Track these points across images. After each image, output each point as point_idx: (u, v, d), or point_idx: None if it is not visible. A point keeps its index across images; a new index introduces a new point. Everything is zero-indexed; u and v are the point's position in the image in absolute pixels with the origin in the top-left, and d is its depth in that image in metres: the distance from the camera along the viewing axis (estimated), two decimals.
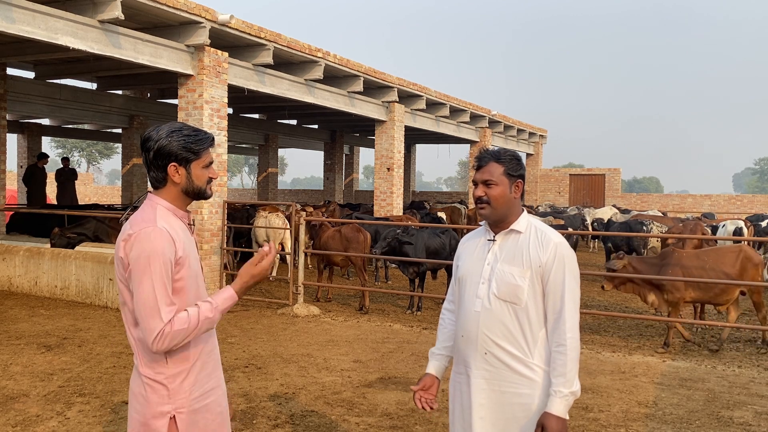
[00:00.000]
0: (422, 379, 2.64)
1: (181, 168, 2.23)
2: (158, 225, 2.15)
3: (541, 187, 28.28)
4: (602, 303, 9.99)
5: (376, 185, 15.96)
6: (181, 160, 2.22)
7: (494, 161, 2.48)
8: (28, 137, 18.77)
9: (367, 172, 77.75)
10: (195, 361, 2.23)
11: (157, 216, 2.19)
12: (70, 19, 8.04)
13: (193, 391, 2.21)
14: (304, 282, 9.24)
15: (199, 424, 2.23)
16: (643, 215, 16.76)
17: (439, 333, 2.73)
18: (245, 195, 37.24)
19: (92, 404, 5.00)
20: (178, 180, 2.24)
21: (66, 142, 58.79)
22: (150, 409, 2.17)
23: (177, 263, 2.16)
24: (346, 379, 5.82)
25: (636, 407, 5.19)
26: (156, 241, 2.11)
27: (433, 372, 2.67)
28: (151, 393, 2.17)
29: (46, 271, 9.66)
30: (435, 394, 2.64)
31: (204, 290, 2.32)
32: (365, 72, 13.73)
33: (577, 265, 2.45)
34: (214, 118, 10.03)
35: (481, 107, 20.09)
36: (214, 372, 2.32)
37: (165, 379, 2.17)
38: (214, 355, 2.34)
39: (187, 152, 2.22)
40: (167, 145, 2.20)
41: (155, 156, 2.21)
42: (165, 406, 2.17)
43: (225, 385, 2.41)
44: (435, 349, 2.71)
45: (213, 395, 2.30)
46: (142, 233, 2.12)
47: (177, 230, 2.20)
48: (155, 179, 2.25)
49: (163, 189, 2.25)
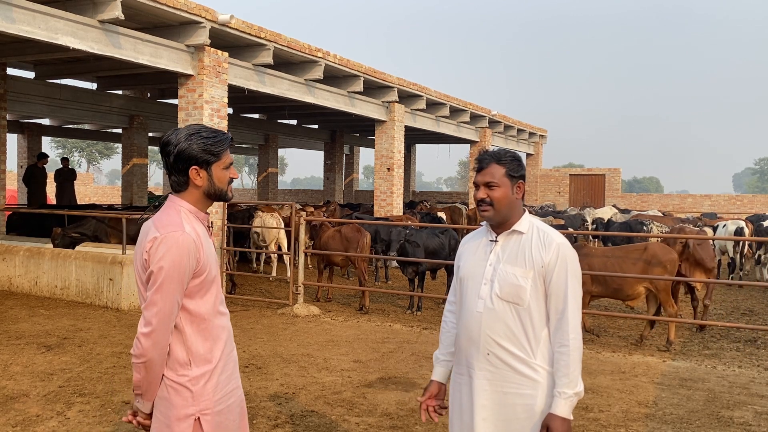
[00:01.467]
0: (428, 388, 2.64)
1: (202, 171, 2.23)
2: (185, 230, 2.16)
3: (541, 187, 28.27)
4: (602, 303, 9.99)
5: (376, 185, 15.96)
6: (201, 162, 2.22)
7: (495, 163, 2.47)
8: (28, 137, 18.78)
9: (367, 172, 77.74)
10: (217, 363, 2.24)
11: (183, 219, 2.19)
12: (70, 19, 8.04)
13: (216, 392, 2.23)
14: (304, 282, 9.23)
15: (222, 425, 2.24)
16: (643, 215, 16.76)
17: (443, 337, 2.72)
18: (245, 195, 37.24)
19: (92, 404, 5.00)
20: (200, 183, 2.23)
21: (66, 142, 58.78)
22: (174, 412, 2.17)
23: (198, 272, 2.18)
24: (346, 379, 5.82)
25: (636, 407, 5.19)
26: (182, 249, 2.12)
27: (439, 379, 2.66)
28: (175, 396, 2.18)
29: (46, 271, 9.65)
30: (443, 400, 2.63)
31: (221, 291, 2.34)
32: (365, 72, 13.73)
33: (579, 266, 2.45)
34: (214, 118, 10.03)
35: (481, 107, 20.09)
36: (234, 373, 2.35)
37: (188, 382, 2.18)
38: (233, 357, 2.36)
39: (207, 155, 2.22)
40: (187, 148, 2.20)
41: (176, 160, 2.21)
42: (189, 408, 2.18)
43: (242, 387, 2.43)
44: (440, 354, 2.70)
45: (234, 396, 2.32)
46: (170, 237, 2.12)
47: (200, 234, 2.22)
48: (177, 183, 2.25)
49: (184, 192, 2.25)
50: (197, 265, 2.17)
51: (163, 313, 2.11)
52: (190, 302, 2.20)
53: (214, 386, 2.22)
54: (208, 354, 2.22)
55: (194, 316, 2.21)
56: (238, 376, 2.38)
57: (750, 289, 11.89)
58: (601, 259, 7.54)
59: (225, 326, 2.32)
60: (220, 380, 2.24)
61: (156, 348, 2.12)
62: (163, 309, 2.11)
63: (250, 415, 4.84)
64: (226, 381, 2.28)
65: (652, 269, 7.30)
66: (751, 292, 11.63)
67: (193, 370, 2.19)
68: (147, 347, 2.11)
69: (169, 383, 2.18)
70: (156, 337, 2.11)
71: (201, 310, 2.21)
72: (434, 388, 2.63)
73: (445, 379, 2.66)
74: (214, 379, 2.22)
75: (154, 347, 2.12)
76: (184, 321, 2.19)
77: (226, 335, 2.31)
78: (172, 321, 2.14)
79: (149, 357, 2.12)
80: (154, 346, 2.12)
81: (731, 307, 10.18)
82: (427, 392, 2.62)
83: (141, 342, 2.12)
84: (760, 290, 11.73)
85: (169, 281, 2.10)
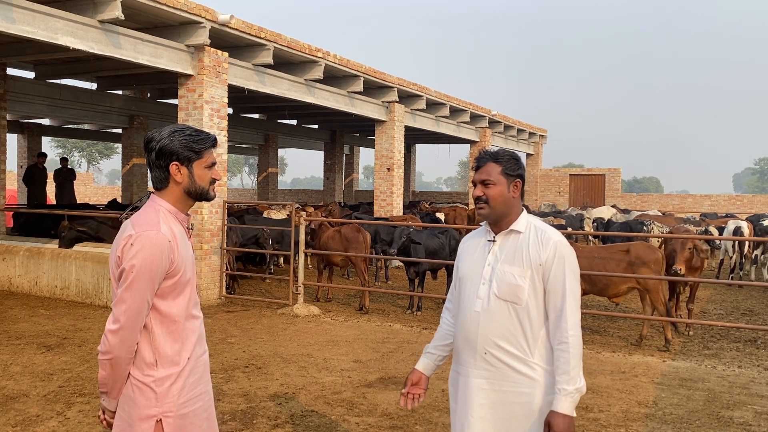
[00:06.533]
0: (409, 377, 2.67)
1: (183, 167, 2.23)
2: (161, 229, 2.15)
3: (541, 187, 28.27)
4: (602, 303, 9.99)
5: (376, 185, 15.96)
6: (182, 159, 2.23)
7: (492, 161, 2.49)
8: (28, 137, 18.77)
9: (367, 172, 77.73)
10: (185, 366, 2.23)
11: (160, 219, 2.19)
12: (70, 19, 8.04)
13: (181, 395, 2.21)
14: (304, 282, 9.23)
15: (185, 429, 2.22)
16: (646, 215, 16.74)
17: (437, 332, 2.75)
18: (245, 195, 37.23)
19: (92, 404, 5.00)
20: (180, 179, 2.24)
21: (66, 142, 58.78)
22: (137, 411, 2.16)
23: (171, 273, 2.18)
24: (346, 379, 5.82)
25: (636, 407, 5.19)
26: (155, 248, 2.12)
27: (421, 369, 2.69)
28: (139, 395, 2.17)
29: (46, 271, 9.65)
30: (424, 389, 2.66)
31: (195, 294, 2.33)
32: (365, 72, 13.72)
33: (577, 264, 2.46)
34: (214, 118, 10.03)
35: (481, 107, 20.08)
36: (203, 377, 2.33)
37: (153, 382, 2.17)
38: (203, 360, 2.34)
39: (188, 151, 2.23)
40: (169, 144, 2.21)
41: (157, 156, 2.22)
42: (152, 409, 2.16)
43: (212, 390, 2.41)
44: (429, 347, 2.74)
45: (201, 400, 2.29)
46: (144, 236, 2.12)
47: (177, 235, 2.21)
48: (157, 179, 2.26)
49: (165, 190, 2.26)
50: (171, 266, 2.17)
51: (132, 311, 2.10)
52: (162, 303, 2.19)
53: (180, 389, 2.20)
54: (176, 356, 2.20)
55: (165, 317, 2.20)
56: (208, 379, 2.36)
57: (750, 289, 11.90)
58: (587, 259, 7.62)
59: (196, 329, 2.31)
60: (186, 383, 2.23)
61: (123, 346, 2.12)
62: (132, 307, 2.10)
63: (251, 415, 4.84)
64: (194, 384, 2.26)
65: (638, 269, 7.39)
66: (751, 292, 11.63)
67: (159, 371, 2.18)
68: (114, 344, 2.11)
69: (135, 382, 2.17)
70: (123, 334, 2.11)
71: (172, 312, 2.20)
72: (414, 377, 2.66)
73: (426, 370, 2.69)
74: (180, 382, 2.21)
75: (120, 345, 2.11)
76: (154, 321, 2.18)
77: (197, 338, 2.29)
78: (140, 320, 2.13)
79: (115, 354, 2.12)
80: (120, 343, 2.11)
81: (731, 307, 10.18)
82: (408, 381, 2.66)
83: (108, 339, 2.12)
84: (760, 290, 11.73)
85: (140, 280, 2.10)
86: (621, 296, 7.71)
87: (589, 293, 7.85)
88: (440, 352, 2.70)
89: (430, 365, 2.70)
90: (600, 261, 7.60)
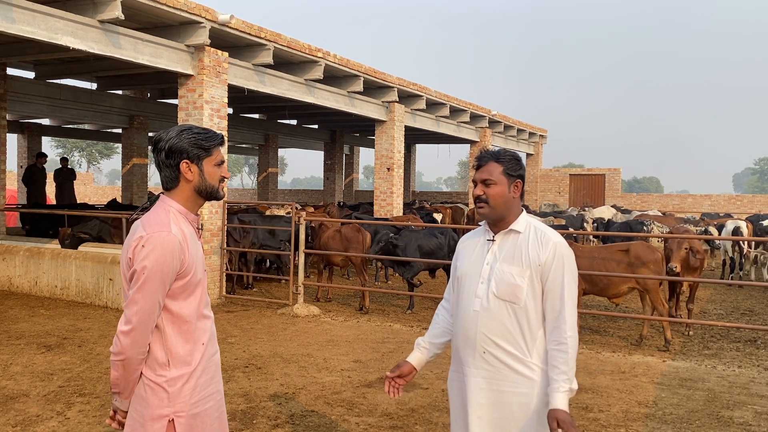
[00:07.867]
0: (399, 367, 2.66)
1: (193, 165, 2.23)
2: (172, 230, 2.16)
3: (541, 187, 28.27)
4: (602, 303, 9.99)
5: (376, 185, 15.96)
6: (192, 156, 2.23)
7: (493, 161, 2.49)
8: (28, 137, 18.77)
9: (367, 172, 77.72)
10: (196, 366, 2.24)
11: (171, 220, 2.19)
12: (70, 19, 8.04)
13: (193, 395, 2.22)
14: (304, 282, 9.23)
15: (197, 429, 2.23)
16: (646, 215, 16.73)
17: (431, 327, 2.75)
18: (245, 195, 37.22)
19: (92, 404, 5.00)
20: (190, 177, 2.24)
21: (66, 142, 58.77)
22: (149, 411, 2.17)
23: (182, 273, 2.18)
24: (346, 379, 5.82)
25: (636, 407, 5.19)
26: (166, 249, 2.12)
27: (412, 362, 2.68)
28: (151, 395, 2.17)
29: (46, 271, 9.65)
30: (408, 381, 2.66)
31: (206, 294, 2.33)
32: (365, 72, 13.72)
33: (575, 265, 2.47)
34: (214, 118, 10.03)
35: (481, 107, 20.08)
36: (215, 377, 2.33)
37: (165, 382, 2.18)
38: (214, 360, 2.35)
39: (198, 149, 2.23)
40: (178, 143, 2.21)
41: (167, 155, 2.22)
42: (164, 409, 2.17)
43: (223, 389, 2.41)
44: (421, 341, 2.73)
45: (212, 400, 2.30)
46: (155, 237, 2.12)
47: (187, 236, 2.21)
48: (167, 179, 2.26)
49: (175, 190, 2.26)
50: (181, 267, 2.17)
51: (144, 312, 2.11)
52: (173, 303, 2.19)
53: (192, 389, 2.21)
54: (187, 356, 2.21)
55: (176, 317, 2.20)
56: (219, 379, 2.37)
57: (750, 289, 11.89)
58: (587, 259, 7.63)
59: (208, 329, 2.31)
60: (198, 383, 2.24)
61: (135, 347, 2.12)
62: (144, 308, 2.11)
63: (251, 415, 4.84)
64: (205, 384, 2.27)
65: (637, 269, 7.40)
66: (751, 292, 11.63)
67: (171, 371, 2.18)
68: (126, 345, 2.12)
69: (147, 382, 2.18)
70: (135, 335, 2.11)
71: (184, 312, 2.21)
72: (405, 368, 2.65)
73: (418, 364, 2.69)
74: (192, 382, 2.22)
75: (132, 346, 2.12)
76: (165, 322, 2.19)
77: (208, 338, 2.30)
78: (152, 320, 2.14)
79: (127, 355, 2.12)
80: (132, 344, 2.12)
81: (731, 307, 10.18)
82: (397, 370, 2.65)
83: (120, 340, 2.12)
84: (760, 290, 11.73)
85: (152, 281, 2.11)
86: (621, 296, 7.72)
87: (590, 293, 7.86)
88: (434, 349, 2.71)
89: (423, 360, 2.70)
90: (600, 261, 7.61)
